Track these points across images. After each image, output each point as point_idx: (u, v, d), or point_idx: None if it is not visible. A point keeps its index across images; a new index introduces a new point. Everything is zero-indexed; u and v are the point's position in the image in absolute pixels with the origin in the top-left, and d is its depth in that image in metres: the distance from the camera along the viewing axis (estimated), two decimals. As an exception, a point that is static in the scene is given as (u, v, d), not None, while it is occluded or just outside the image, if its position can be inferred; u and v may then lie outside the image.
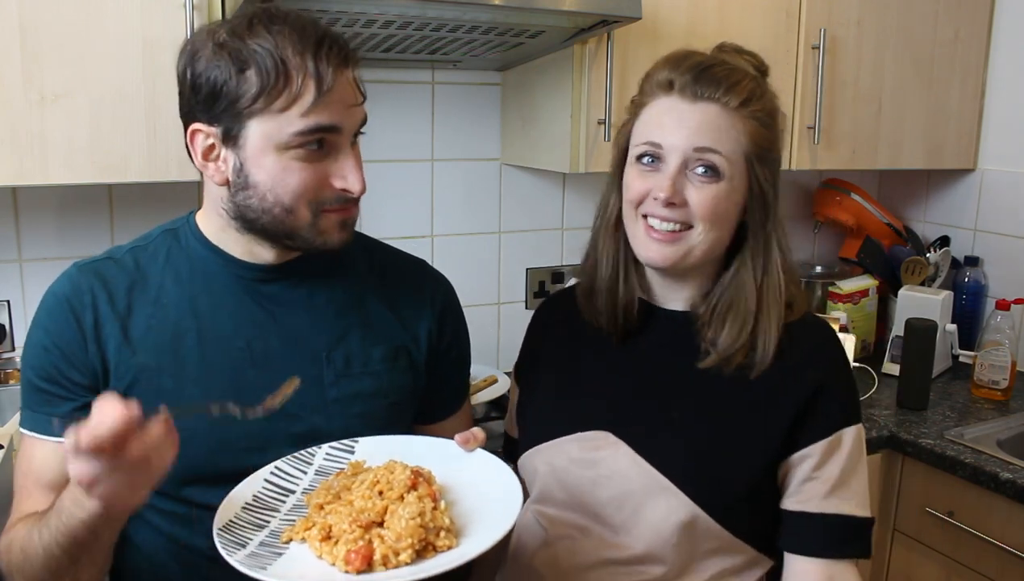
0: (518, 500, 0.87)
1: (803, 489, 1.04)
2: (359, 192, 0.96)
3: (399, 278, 1.14)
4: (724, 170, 1.01)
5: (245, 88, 0.90)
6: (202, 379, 0.99)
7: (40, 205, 1.63)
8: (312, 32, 0.92)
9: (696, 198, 1.02)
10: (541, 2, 1.42)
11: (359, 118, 0.97)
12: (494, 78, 2.01)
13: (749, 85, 1.03)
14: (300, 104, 0.90)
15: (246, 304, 1.02)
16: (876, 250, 2.35)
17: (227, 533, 0.83)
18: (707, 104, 1.02)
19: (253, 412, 0.89)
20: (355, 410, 1.03)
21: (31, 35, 1.26)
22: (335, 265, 1.09)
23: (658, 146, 1.03)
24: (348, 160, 0.95)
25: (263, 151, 0.92)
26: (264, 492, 0.91)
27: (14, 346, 1.63)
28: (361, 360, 1.05)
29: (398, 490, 0.86)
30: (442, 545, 0.81)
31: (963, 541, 1.67)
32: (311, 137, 0.92)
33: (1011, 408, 1.93)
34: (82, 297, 0.99)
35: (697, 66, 1.04)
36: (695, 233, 1.03)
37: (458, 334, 1.18)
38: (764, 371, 1.04)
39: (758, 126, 1.03)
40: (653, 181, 1.03)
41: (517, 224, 2.11)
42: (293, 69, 0.90)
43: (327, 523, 0.83)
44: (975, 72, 2.21)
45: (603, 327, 1.13)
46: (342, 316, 1.06)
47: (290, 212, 0.95)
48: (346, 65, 0.94)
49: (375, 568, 0.79)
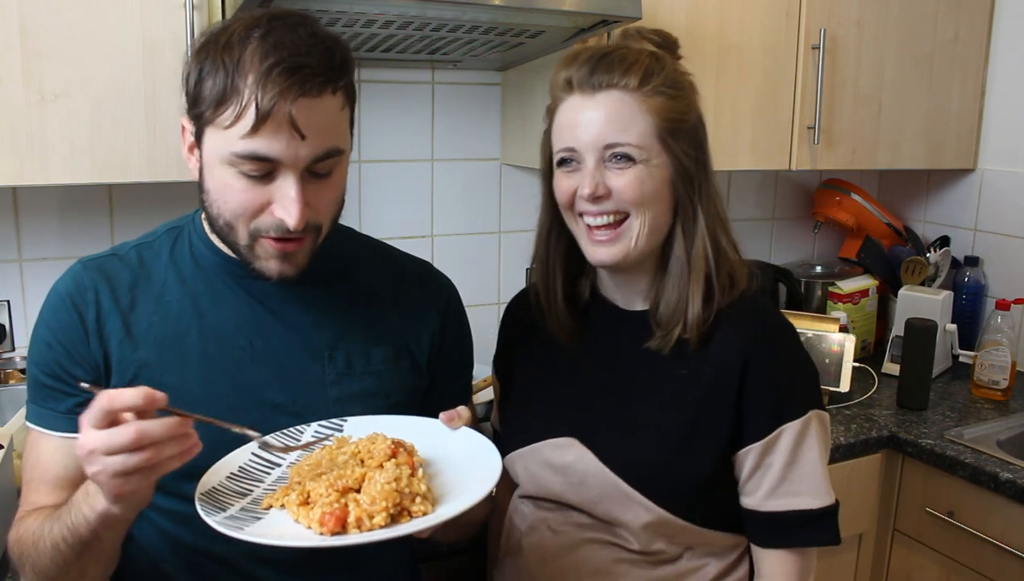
0: (496, 472, 0.88)
1: (749, 488, 1.06)
2: (294, 226, 0.90)
3: (403, 279, 1.14)
4: (637, 156, 1.01)
5: (204, 95, 0.90)
6: (204, 376, 0.99)
7: (40, 205, 1.63)
8: (274, 52, 0.86)
9: (618, 185, 1.02)
10: (541, 2, 1.42)
11: (305, 153, 0.89)
12: (494, 78, 2.01)
13: (645, 62, 1.03)
14: (241, 125, 0.87)
15: (248, 302, 1.02)
16: (876, 250, 2.35)
17: (208, 499, 0.85)
18: (607, 92, 1.02)
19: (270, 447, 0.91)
20: (356, 409, 1.03)
21: (31, 35, 1.26)
22: (338, 265, 1.09)
23: (572, 150, 1.04)
24: (290, 192, 0.89)
25: (213, 161, 0.91)
26: (250, 464, 0.92)
27: (14, 346, 1.63)
28: (363, 360, 1.05)
29: (378, 459, 0.88)
30: (417, 511, 0.83)
31: (963, 541, 1.67)
32: (250, 163, 0.88)
33: (1011, 408, 1.93)
34: (85, 293, 1.00)
35: (591, 58, 1.04)
36: (632, 220, 1.03)
37: (461, 338, 1.18)
38: (710, 358, 1.05)
39: (664, 100, 1.02)
40: (576, 180, 1.04)
41: (517, 224, 2.11)
42: (242, 89, 0.87)
43: (306, 489, 0.84)
44: (975, 72, 2.21)
45: (553, 331, 1.15)
46: (344, 315, 1.06)
47: (231, 228, 0.94)
48: (293, 97, 0.86)
49: (349, 530, 0.80)
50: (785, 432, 1.03)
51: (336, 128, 0.93)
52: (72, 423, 0.99)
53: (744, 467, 1.05)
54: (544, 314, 1.16)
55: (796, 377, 1.08)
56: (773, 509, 1.05)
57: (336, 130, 0.93)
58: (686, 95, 1.05)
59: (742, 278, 1.08)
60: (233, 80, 0.87)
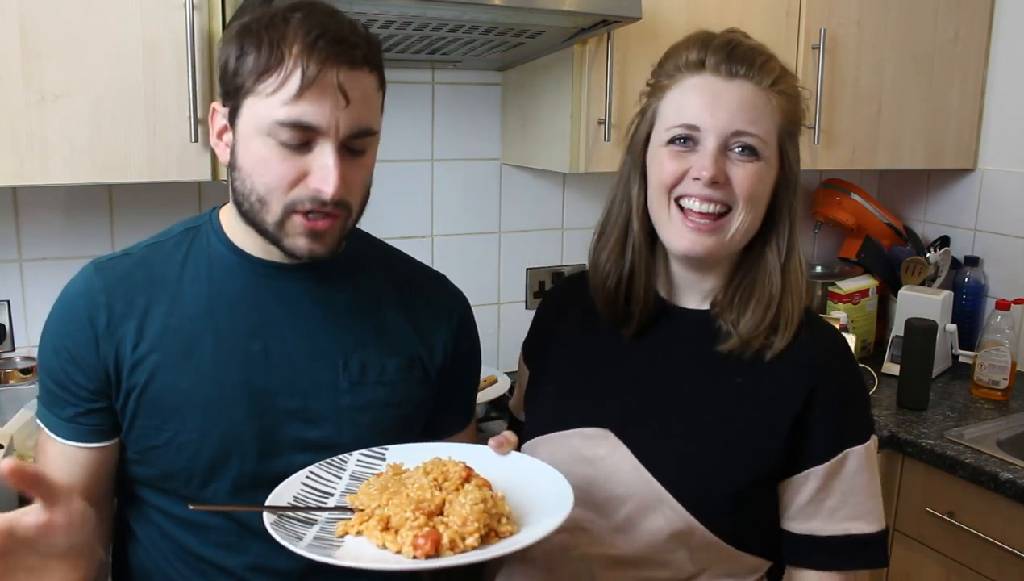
0: (569, 491, 0.88)
1: (806, 512, 1.02)
2: (331, 196, 0.91)
3: (418, 289, 1.13)
4: (762, 150, 1.00)
5: (245, 67, 0.91)
6: (217, 380, 0.98)
7: (40, 205, 1.63)
8: (319, 27, 0.90)
9: (739, 176, 0.99)
10: (541, 2, 1.41)
11: (345, 123, 0.91)
12: (494, 78, 2.01)
13: (778, 63, 1.03)
14: (285, 91, 0.89)
15: (264, 305, 1.01)
16: (876, 250, 2.35)
17: (279, 528, 0.83)
18: (742, 81, 1.00)
19: None
20: (367, 419, 1.02)
21: (31, 35, 1.26)
22: (354, 270, 1.08)
23: (694, 128, 0.99)
24: (327, 161, 0.91)
25: (251, 133, 0.92)
26: (304, 495, 0.91)
27: (14, 346, 1.63)
28: (377, 369, 1.04)
29: (454, 482, 0.87)
30: (504, 531, 0.82)
31: (963, 541, 1.67)
32: (290, 130, 0.90)
33: (1011, 408, 1.93)
34: (96, 297, 0.99)
35: (727, 44, 1.02)
36: (735, 215, 1.00)
37: (472, 352, 1.18)
38: (770, 373, 1.02)
39: (788, 103, 1.02)
40: (691, 161, 1.00)
41: (517, 224, 2.11)
42: (287, 56, 0.89)
43: (385, 514, 0.83)
44: (975, 72, 2.21)
45: (618, 324, 1.11)
46: (359, 323, 1.05)
47: (263, 203, 0.94)
48: (337, 65, 0.89)
49: (443, 552, 0.79)
50: (851, 456, 1.01)
51: (373, 107, 0.95)
52: (73, 431, 1.00)
53: (802, 491, 1.01)
54: (613, 308, 1.10)
55: (860, 400, 1.07)
56: (833, 533, 1.01)
57: (373, 109, 0.95)
58: (802, 106, 1.06)
59: (808, 295, 1.07)
60: (279, 49, 0.89)
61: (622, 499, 1.02)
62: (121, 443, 1.02)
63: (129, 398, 0.98)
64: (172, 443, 0.97)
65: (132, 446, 1.00)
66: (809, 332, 1.05)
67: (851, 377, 1.06)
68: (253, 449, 0.98)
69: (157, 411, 0.97)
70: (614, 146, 1.71)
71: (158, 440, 0.98)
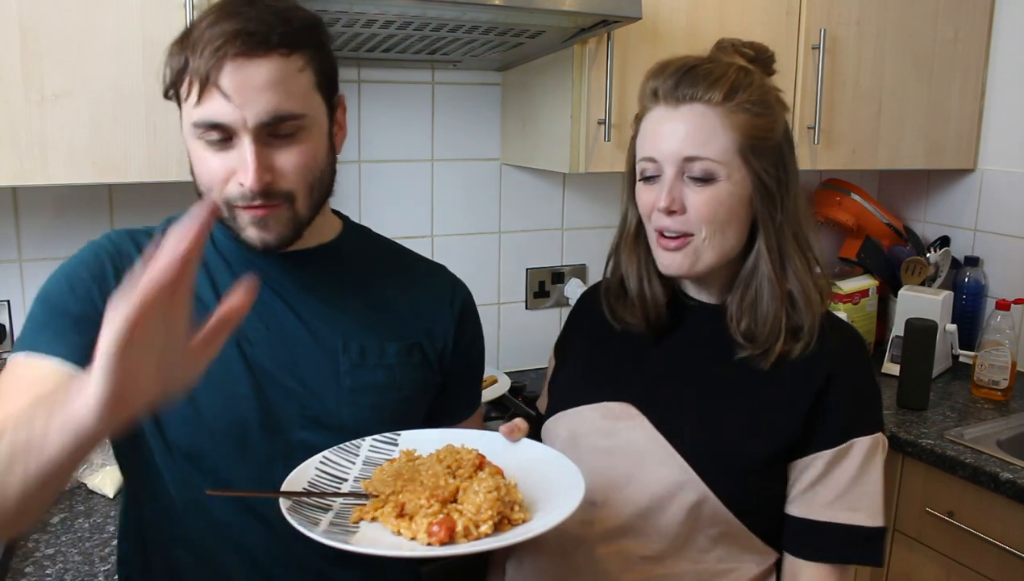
0: (579, 475, 0.89)
1: (808, 496, 1.04)
2: (251, 187, 0.91)
3: (419, 277, 1.15)
4: (718, 172, 1.02)
5: (171, 75, 0.95)
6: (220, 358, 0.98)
7: (40, 205, 1.63)
8: (221, 22, 0.90)
9: (695, 202, 1.03)
10: (541, 2, 1.42)
11: (252, 114, 0.90)
12: (494, 78, 2.01)
13: (732, 77, 1.03)
14: (193, 93, 0.91)
15: (265, 291, 1.03)
16: (876, 250, 2.35)
17: (295, 514, 0.84)
18: (690, 105, 1.02)
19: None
20: (368, 401, 1.03)
21: (31, 35, 1.26)
22: (354, 257, 1.10)
23: (652, 161, 1.05)
24: (244, 155, 0.91)
25: (187, 137, 0.96)
26: (318, 479, 0.92)
27: (13, 346, 1.63)
28: (376, 353, 1.06)
29: (467, 469, 0.89)
30: (517, 519, 0.83)
31: (963, 541, 1.67)
32: (207, 130, 0.92)
33: (1011, 408, 1.93)
34: (122, 247, 1.02)
35: (679, 70, 1.04)
36: (699, 239, 1.04)
37: (475, 340, 1.19)
38: (789, 364, 1.05)
39: (748, 117, 1.02)
40: (656, 193, 1.05)
41: (517, 224, 2.11)
42: (190, 60, 0.91)
43: (400, 501, 0.84)
44: (975, 72, 2.21)
45: (638, 330, 1.15)
46: (359, 310, 1.07)
47: None
48: (231, 58, 0.89)
49: (457, 540, 0.80)
50: (856, 445, 1.03)
51: (288, 90, 0.91)
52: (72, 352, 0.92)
53: (806, 473, 1.04)
54: (631, 317, 1.15)
55: (872, 395, 1.09)
56: (829, 520, 1.03)
57: (288, 92, 0.91)
58: (772, 112, 1.05)
59: (828, 294, 1.09)
60: (184, 55, 0.92)
61: (636, 466, 1.05)
62: None
63: None
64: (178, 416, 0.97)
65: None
66: (830, 330, 1.08)
67: (867, 373, 1.09)
68: (254, 422, 0.99)
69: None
70: (614, 146, 1.71)
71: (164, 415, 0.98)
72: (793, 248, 1.06)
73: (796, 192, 1.07)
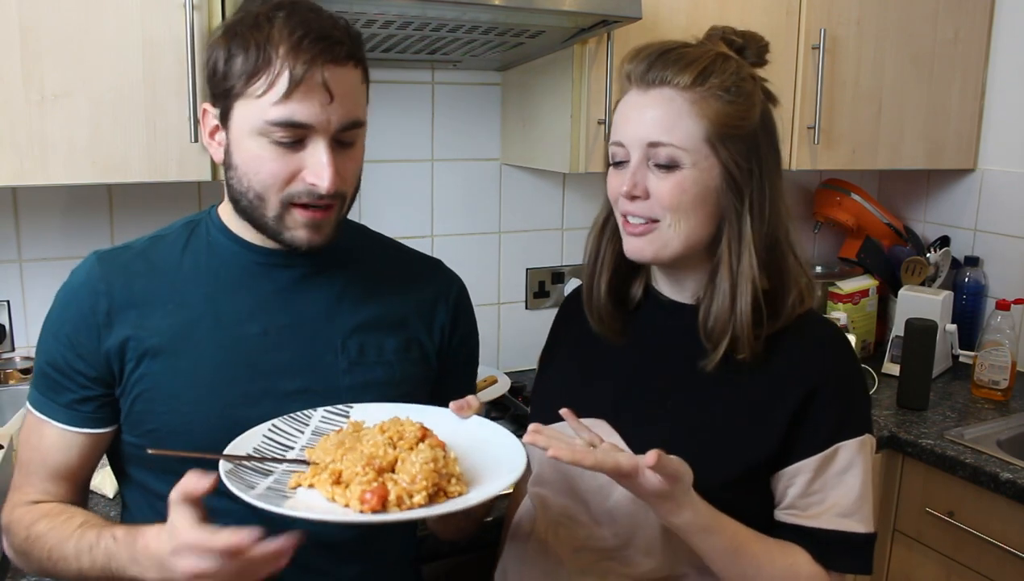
0: (522, 455, 0.89)
1: (797, 504, 1.02)
2: (327, 189, 0.94)
3: (415, 273, 1.16)
4: (682, 159, 0.99)
5: (234, 69, 0.94)
6: (218, 363, 1.00)
7: (40, 205, 1.63)
8: (302, 26, 0.92)
9: (658, 189, 1.00)
10: (541, 2, 1.42)
11: (335, 118, 0.94)
12: (494, 78, 2.01)
13: (704, 62, 1.00)
14: (274, 92, 0.92)
15: (263, 290, 1.04)
16: (876, 250, 2.35)
17: (232, 476, 0.85)
18: (659, 89, 1.00)
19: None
20: (368, 397, 1.04)
21: (31, 35, 1.26)
22: (350, 257, 1.10)
23: (620, 145, 1.03)
24: (322, 157, 0.94)
25: (243, 134, 0.95)
26: (263, 446, 0.93)
27: (14, 346, 1.63)
28: (375, 350, 1.07)
29: (409, 441, 0.89)
30: (452, 491, 0.84)
31: (963, 541, 1.67)
32: (283, 129, 0.93)
33: (1011, 408, 1.93)
34: (96, 284, 1.01)
35: (651, 54, 1.02)
36: (664, 225, 1.01)
37: (470, 334, 1.20)
38: (767, 369, 1.02)
39: (720, 104, 0.98)
40: (621, 179, 1.03)
41: (517, 224, 2.11)
42: (274, 58, 0.91)
43: (337, 468, 0.85)
44: (975, 72, 2.21)
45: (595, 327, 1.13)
46: (358, 305, 1.08)
47: (261, 200, 0.97)
48: (323, 63, 0.92)
49: (389, 508, 0.81)
50: (842, 450, 1.00)
51: (358, 100, 0.98)
52: (70, 416, 1.01)
53: (795, 482, 1.01)
54: (589, 310, 1.13)
55: (857, 396, 1.05)
56: (820, 526, 1.00)
57: (358, 101, 0.98)
58: (747, 100, 1.00)
59: (809, 296, 1.06)
60: (265, 52, 0.92)
61: (611, 483, 1.01)
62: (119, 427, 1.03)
63: (129, 384, 1.00)
64: (169, 425, 0.99)
65: (131, 430, 1.02)
66: (811, 330, 1.06)
67: (849, 374, 1.06)
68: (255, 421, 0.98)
69: (156, 395, 0.99)
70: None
71: (156, 423, 0.99)
72: (763, 243, 1.01)
73: (774, 185, 1.02)
